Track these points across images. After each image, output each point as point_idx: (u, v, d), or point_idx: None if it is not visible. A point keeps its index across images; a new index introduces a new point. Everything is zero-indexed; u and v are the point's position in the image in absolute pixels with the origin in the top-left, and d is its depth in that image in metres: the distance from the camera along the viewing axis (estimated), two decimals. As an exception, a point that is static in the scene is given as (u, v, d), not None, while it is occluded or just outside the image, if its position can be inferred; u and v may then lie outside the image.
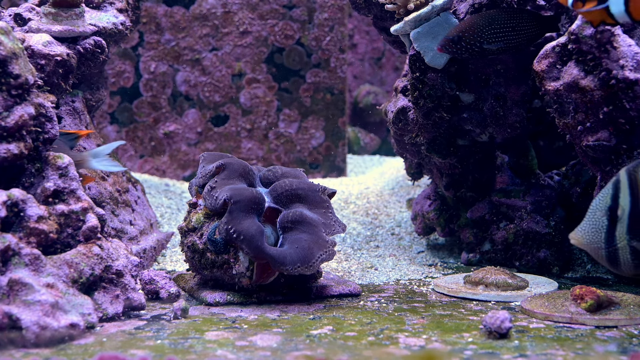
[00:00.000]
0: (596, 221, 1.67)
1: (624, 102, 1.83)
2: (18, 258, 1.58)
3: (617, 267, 1.69)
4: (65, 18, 2.17)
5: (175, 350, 1.49)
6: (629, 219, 1.63)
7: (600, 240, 1.66)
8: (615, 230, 1.64)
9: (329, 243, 1.88)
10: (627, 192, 1.62)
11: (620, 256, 1.66)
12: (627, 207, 1.62)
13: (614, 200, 1.64)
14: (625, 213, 1.63)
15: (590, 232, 1.67)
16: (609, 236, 1.65)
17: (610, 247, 1.65)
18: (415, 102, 2.27)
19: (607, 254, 1.67)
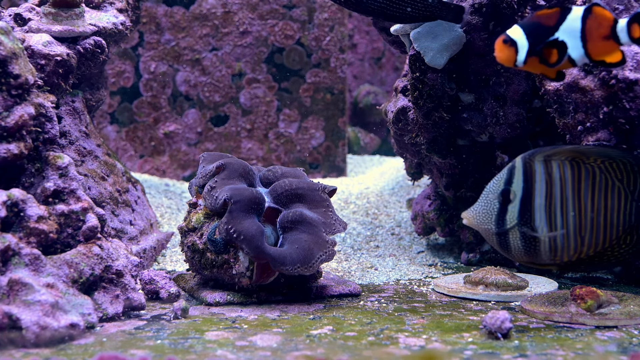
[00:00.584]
0: (488, 203, 1.71)
1: (624, 102, 1.83)
2: (18, 258, 1.58)
3: (508, 251, 1.73)
4: (65, 18, 2.17)
5: (175, 350, 1.49)
6: (520, 204, 1.67)
7: (491, 221, 1.71)
8: (506, 213, 1.68)
9: (329, 243, 1.88)
10: (520, 178, 1.67)
11: (511, 240, 1.70)
12: (519, 192, 1.67)
13: (507, 184, 1.68)
14: (517, 198, 1.67)
15: (482, 213, 1.73)
16: (500, 219, 1.70)
17: (501, 230, 1.69)
18: (415, 102, 2.27)
19: (498, 236, 1.71)
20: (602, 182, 1.69)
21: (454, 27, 2.15)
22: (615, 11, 1.91)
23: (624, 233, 1.71)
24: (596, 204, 1.69)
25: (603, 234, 1.70)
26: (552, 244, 1.70)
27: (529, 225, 1.69)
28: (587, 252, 1.71)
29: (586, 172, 1.68)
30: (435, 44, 2.15)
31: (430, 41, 2.15)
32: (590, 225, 1.68)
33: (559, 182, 1.68)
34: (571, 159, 1.70)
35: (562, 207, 1.69)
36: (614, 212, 1.70)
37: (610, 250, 1.72)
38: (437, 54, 2.16)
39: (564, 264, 1.74)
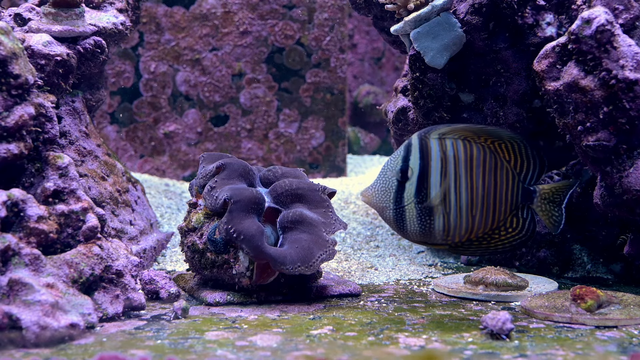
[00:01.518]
0: (387, 181, 1.71)
1: (624, 102, 1.83)
2: (18, 258, 1.58)
3: (404, 230, 1.72)
4: (65, 18, 2.17)
5: (175, 350, 1.49)
6: (417, 182, 1.68)
7: (389, 199, 1.71)
8: (404, 191, 1.69)
9: (329, 242, 1.88)
10: (417, 156, 1.68)
11: (407, 218, 1.70)
12: (416, 169, 1.68)
13: (405, 162, 1.69)
14: (414, 175, 1.68)
15: (380, 191, 1.72)
16: (398, 197, 1.70)
17: (398, 208, 1.69)
18: (415, 102, 2.27)
19: (395, 214, 1.71)
20: (491, 162, 1.71)
21: (454, 27, 2.15)
22: (615, 11, 1.91)
23: (511, 215, 1.72)
24: (486, 183, 1.70)
25: (492, 213, 1.71)
26: (446, 222, 1.70)
27: (425, 203, 1.69)
28: (477, 232, 1.72)
29: (477, 151, 1.69)
30: (435, 44, 2.15)
31: (430, 41, 2.15)
32: (481, 205, 1.69)
33: (453, 159, 1.69)
34: (464, 138, 1.70)
35: (455, 185, 1.69)
36: (502, 192, 1.71)
37: (498, 234, 1.74)
38: (437, 54, 2.16)
39: (454, 244, 1.74)
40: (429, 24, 2.14)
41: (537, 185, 1.77)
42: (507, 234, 1.76)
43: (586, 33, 1.86)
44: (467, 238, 1.73)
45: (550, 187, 1.78)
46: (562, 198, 1.80)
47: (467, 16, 2.15)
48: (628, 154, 1.87)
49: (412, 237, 1.75)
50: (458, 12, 2.16)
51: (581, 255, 2.33)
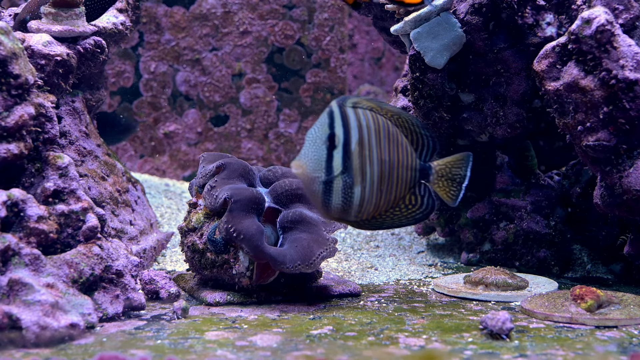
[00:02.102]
0: (317, 149, 1.62)
1: (624, 102, 1.83)
2: (18, 258, 1.58)
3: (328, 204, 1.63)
4: (65, 18, 2.17)
5: (175, 350, 1.49)
6: (343, 150, 1.61)
7: (322, 169, 1.61)
8: (332, 160, 1.61)
9: (330, 240, 1.88)
10: (340, 123, 1.61)
11: (334, 191, 1.62)
12: (341, 137, 1.61)
13: (331, 129, 1.61)
14: (340, 143, 1.61)
15: (313, 160, 1.62)
16: (328, 166, 1.62)
17: (329, 178, 1.62)
18: (415, 102, 2.27)
19: (324, 186, 1.62)
20: (395, 136, 1.66)
21: (454, 27, 2.15)
22: (615, 11, 1.91)
23: (409, 192, 1.69)
24: (392, 157, 1.65)
25: (396, 189, 1.67)
26: (362, 196, 1.64)
27: (349, 173, 1.62)
28: (382, 208, 1.67)
29: (383, 123, 1.65)
30: (435, 44, 2.15)
31: (430, 41, 2.15)
32: (388, 178, 1.65)
33: (366, 129, 1.63)
34: (371, 109, 1.66)
35: (369, 156, 1.63)
36: (404, 167, 1.67)
37: (399, 210, 1.70)
38: (437, 54, 2.16)
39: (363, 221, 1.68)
40: (429, 24, 2.14)
41: (432, 162, 1.72)
42: (407, 210, 1.71)
43: (586, 33, 1.86)
44: (373, 215, 1.67)
45: (445, 163, 1.73)
46: (461, 174, 1.73)
47: (467, 16, 2.15)
48: (628, 154, 1.87)
49: (333, 213, 1.65)
50: (458, 12, 2.16)
51: (581, 255, 2.33)
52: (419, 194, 1.71)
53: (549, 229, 2.29)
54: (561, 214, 2.32)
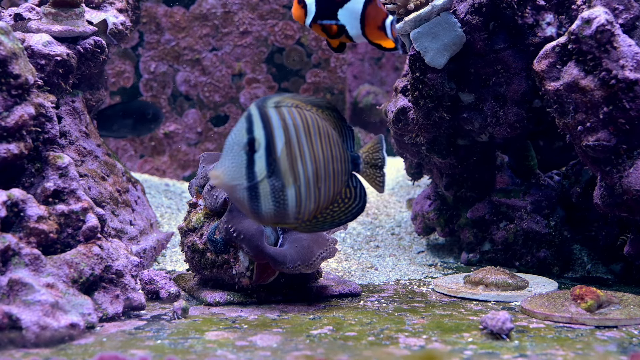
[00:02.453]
0: (235, 155, 1.55)
1: (624, 102, 1.82)
2: (18, 258, 1.58)
3: (258, 211, 1.56)
4: (65, 18, 2.17)
5: (175, 350, 1.49)
6: (266, 153, 1.55)
7: (242, 176, 1.54)
8: (254, 165, 1.54)
9: (330, 241, 1.88)
10: (260, 125, 1.55)
11: (262, 197, 1.55)
12: (262, 140, 1.54)
13: (250, 133, 1.55)
14: (262, 146, 1.54)
15: (232, 168, 1.54)
16: (250, 172, 1.54)
17: (252, 184, 1.54)
18: (415, 102, 2.27)
19: (249, 192, 1.54)
20: (324, 130, 1.61)
21: (454, 27, 2.15)
22: (615, 11, 1.91)
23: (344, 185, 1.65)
24: (325, 152, 1.60)
25: (333, 184, 1.62)
26: (298, 197, 1.57)
27: (277, 175, 1.55)
28: (322, 206, 1.61)
29: (311, 119, 1.59)
30: (435, 44, 2.14)
31: (430, 41, 2.15)
32: (325, 175, 1.59)
33: (293, 128, 1.57)
34: (296, 106, 1.60)
35: (300, 154, 1.57)
36: (338, 161, 1.62)
37: (338, 206, 1.65)
38: (437, 54, 2.16)
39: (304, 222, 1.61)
40: (429, 24, 2.14)
41: (358, 151, 1.67)
42: (345, 205, 1.65)
43: (586, 33, 1.86)
44: (314, 215, 1.61)
45: (367, 150, 1.68)
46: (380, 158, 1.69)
47: (467, 16, 2.15)
48: (628, 154, 1.87)
49: (267, 218, 1.58)
50: (458, 12, 2.16)
51: (581, 255, 2.33)
52: (352, 185, 1.67)
53: (549, 229, 2.29)
54: (561, 214, 2.32)
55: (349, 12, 1.87)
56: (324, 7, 1.88)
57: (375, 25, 1.89)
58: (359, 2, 1.87)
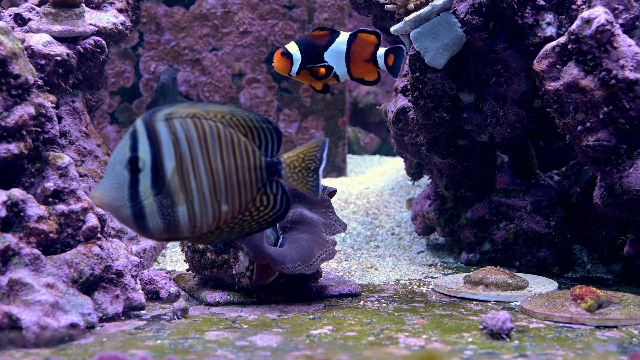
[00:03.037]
0: (117, 175, 1.48)
1: (624, 102, 1.82)
2: (18, 258, 1.58)
3: (146, 229, 1.51)
4: (65, 18, 2.17)
5: (175, 350, 1.48)
6: (152, 171, 1.48)
7: (124, 197, 1.48)
8: (138, 184, 1.48)
9: (329, 242, 1.88)
10: (146, 142, 1.48)
11: (148, 215, 1.49)
12: (148, 157, 1.48)
13: (133, 151, 1.48)
14: (147, 165, 1.48)
15: (113, 189, 1.48)
16: (133, 192, 1.48)
17: (136, 205, 1.48)
18: (415, 102, 2.27)
19: (134, 212, 1.49)
20: (228, 138, 1.54)
21: (454, 27, 2.15)
22: (615, 11, 1.91)
23: (259, 193, 1.57)
24: (226, 162, 1.53)
25: (239, 195, 1.55)
26: (191, 212, 1.51)
27: (165, 193, 1.49)
28: (226, 218, 1.55)
29: (210, 128, 1.52)
30: (435, 44, 2.14)
31: (430, 41, 2.15)
32: (225, 186, 1.53)
33: (186, 141, 1.50)
34: (192, 116, 1.53)
35: (193, 169, 1.51)
36: (245, 170, 1.55)
37: (250, 215, 1.57)
38: (437, 54, 2.16)
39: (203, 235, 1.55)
40: (429, 24, 2.14)
41: (281, 156, 1.60)
42: (259, 213, 1.58)
43: (586, 33, 1.86)
44: (216, 226, 1.55)
45: (296, 154, 1.61)
46: (317, 160, 1.62)
47: (467, 16, 2.15)
48: (628, 154, 1.87)
49: (157, 235, 1.53)
50: (458, 12, 2.16)
51: (581, 255, 2.33)
52: (271, 192, 1.58)
53: (549, 229, 2.29)
54: (561, 214, 2.31)
55: (334, 54, 1.96)
56: (309, 54, 1.96)
57: (361, 60, 1.98)
58: (343, 43, 1.96)
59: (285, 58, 1.96)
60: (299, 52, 1.96)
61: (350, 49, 1.97)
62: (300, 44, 1.97)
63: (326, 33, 1.98)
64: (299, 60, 1.96)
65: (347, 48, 1.97)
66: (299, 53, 1.96)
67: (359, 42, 1.97)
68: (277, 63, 1.97)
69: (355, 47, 1.97)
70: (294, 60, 1.96)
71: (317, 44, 1.97)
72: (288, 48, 1.97)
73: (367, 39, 1.98)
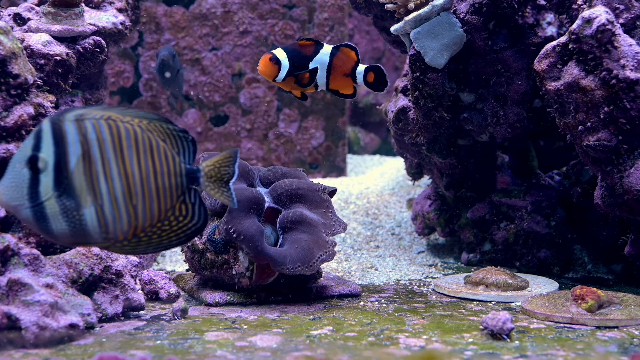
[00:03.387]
0: (16, 174, 1.45)
1: (624, 102, 1.82)
2: (17, 258, 1.58)
3: (50, 231, 1.47)
4: (64, 18, 2.16)
5: (174, 351, 1.48)
6: (54, 172, 1.45)
7: (23, 196, 1.44)
8: (39, 184, 1.44)
9: (329, 243, 1.87)
10: (50, 142, 1.45)
11: (50, 217, 1.45)
12: (51, 157, 1.44)
13: (35, 151, 1.45)
14: (49, 165, 1.44)
15: (11, 187, 1.44)
16: (33, 191, 1.45)
17: (36, 204, 1.44)
18: (415, 102, 2.27)
19: (34, 213, 1.45)
20: (145, 143, 1.50)
21: (454, 27, 2.14)
22: (616, 11, 1.91)
23: (178, 201, 1.54)
24: (143, 167, 1.50)
25: (157, 201, 1.51)
26: (101, 217, 1.47)
27: (69, 195, 1.45)
28: (143, 225, 1.51)
29: (126, 131, 1.49)
30: (435, 44, 2.14)
31: (430, 41, 2.15)
32: (142, 192, 1.49)
33: (97, 142, 1.46)
34: (107, 118, 1.49)
35: (104, 171, 1.47)
36: (165, 175, 1.52)
37: (168, 225, 1.54)
38: (437, 53, 2.15)
39: (119, 242, 1.52)
40: (429, 23, 2.14)
41: (199, 164, 1.57)
42: (178, 223, 1.55)
43: (587, 33, 1.85)
44: (132, 233, 1.51)
45: (213, 163, 1.58)
46: (229, 172, 1.59)
47: (467, 16, 2.14)
48: (629, 154, 1.87)
49: (63, 239, 1.49)
50: (458, 11, 2.16)
51: (582, 255, 2.33)
52: (190, 202, 1.55)
53: (549, 229, 2.28)
54: (562, 214, 2.31)
55: (318, 64, 2.01)
56: (297, 62, 2.00)
57: (341, 73, 2.04)
58: (326, 54, 2.02)
59: (274, 64, 1.99)
60: (287, 60, 2.00)
61: (332, 61, 2.02)
62: (288, 51, 2.01)
63: (311, 43, 2.03)
64: (287, 68, 2.00)
65: (330, 60, 2.02)
66: (287, 60, 2.00)
67: (341, 56, 2.03)
68: (264, 68, 2.00)
69: (337, 60, 2.03)
70: (282, 67, 1.99)
71: (304, 53, 2.02)
72: (277, 54, 2.00)
73: (348, 54, 2.04)
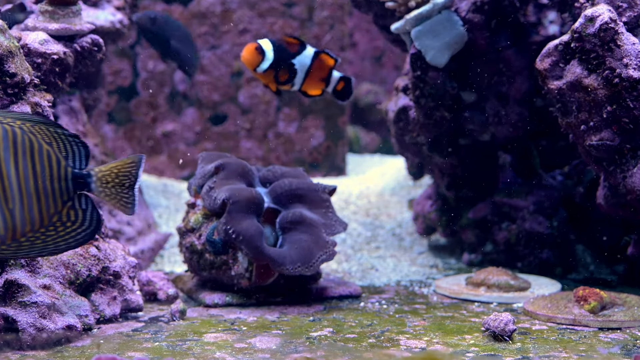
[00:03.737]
0: None
1: (627, 101, 1.81)
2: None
3: None
4: (62, 16, 2.15)
5: (173, 352, 1.48)
6: None
7: None
8: None
9: (329, 243, 1.86)
10: None
11: None
12: None
13: None
14: None
15: None
16: None
17: None
18: (416, 101, 2.26)
19: None
20: (25, 145, 1.45)
21: (455, 25, 2.13)
22: (619, 9, 1.90)
23: (66, 207, 1.50)
24: (22, 169, 1.45)
25: (38, 206, 1.46)
26: None
27: None
28: (23, 230, 1.46)
29: (4, 131, 1.44)
30: (436, 43, 2.13)
31: (431, 39, 2.14)
32: (19, 196, 1.44)
33: None
34: None
35: None
36: (47, 180, 1.47)
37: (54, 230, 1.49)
38: (438, 52, 2.14)
39: None
40: (430, 22, 2.13)
41: (92, 169, 1.52)
42: (66, 229, 1.50)
43: (589, 31, 1.84)
44: (12, 238, 1.46)
45: (109, 168, 1.54)
46: (131, 177, 1.54)
47: (468, 14, 2.13)
48: (632, 153, 1.86)
49: None
50: (460, 10, 2.15)
51: (584, 256, 2.32)
52: (80, 208, 1.51)
53: (551, 229, 2.27)
54: (564, 215, 2.30)
55: (299, 63, 2.03)
56: (281, 56, 2.01)
57: (317, 78, 2.07)
58: (308, 57, 2.04)
59: (258, 54, 1.98)
60: (272, 52, 2.00)
61: (312, 64, 2.05)
62: (274, 44, 2.01)
63: (297, 42, 2.05)
64: (270, 60, 2.00)
65: (310, 63, 2.04)
66: (272, 52, 2.00)
67: (320, 61, 2.06)
68: (247, 55, 1.99)
69: (317, 64, 2.05)
70: (266, 59, 1.99)
71: (288, 49, 2.03)
72: (262, 45, 1.99)
73: (327, 60, 2.07)
